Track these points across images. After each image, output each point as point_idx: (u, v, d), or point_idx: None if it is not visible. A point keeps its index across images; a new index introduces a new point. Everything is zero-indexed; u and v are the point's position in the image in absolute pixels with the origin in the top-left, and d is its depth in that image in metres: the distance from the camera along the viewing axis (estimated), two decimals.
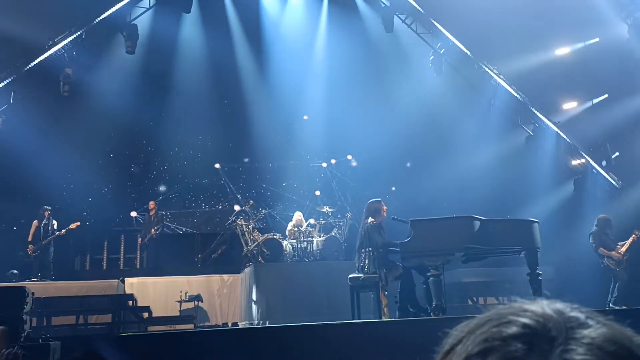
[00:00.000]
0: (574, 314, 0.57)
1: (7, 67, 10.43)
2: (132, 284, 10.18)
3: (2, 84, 10.44)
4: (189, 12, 12.36)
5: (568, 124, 12.29)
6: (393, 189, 12.94)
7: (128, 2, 11.64)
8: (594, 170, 12.21)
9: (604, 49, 10.96)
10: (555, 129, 12.41)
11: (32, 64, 10.68)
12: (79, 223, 10.66)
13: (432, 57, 12.82)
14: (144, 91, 12.44)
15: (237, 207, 11.52)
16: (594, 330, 0.54)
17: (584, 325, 0.55)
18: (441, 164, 12.44)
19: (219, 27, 13.03)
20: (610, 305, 8.15)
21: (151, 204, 11.30)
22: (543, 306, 0.57)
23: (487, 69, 12.57)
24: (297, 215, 10.36)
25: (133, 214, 12.06)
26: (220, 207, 12.95)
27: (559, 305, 0.58)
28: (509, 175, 12.11)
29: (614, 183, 11.92)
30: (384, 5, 12.95)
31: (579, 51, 11.60)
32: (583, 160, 12.33)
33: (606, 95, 11.74)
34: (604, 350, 0.52)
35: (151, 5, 12.27)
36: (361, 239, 6.87)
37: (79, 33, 11.07)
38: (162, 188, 13.14)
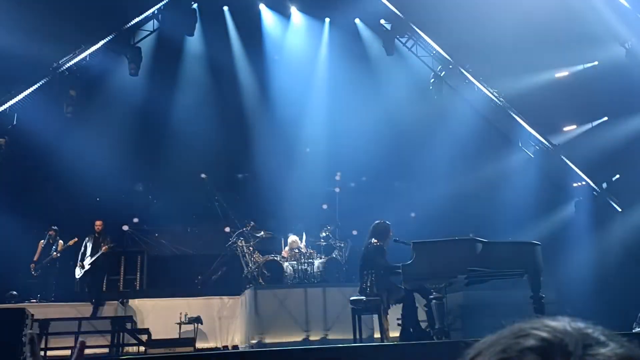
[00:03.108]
0: (594, 333, 0.58)
1: (11, 88, 10.53)
2: (132, 306, 10.11)
3: (6, 105, 10.52)
4: (192, 35, 12.53)
5: (568, 146, 12.33)
6: (413, 215, 12.89)
7: (132, 25, 11.80)
8: (594, 192, 12.20)
9: (603, 72, 11.06)
10: (556, 151, 12.45)
11: (36, 86, 10.78)
12: (76, 239, 10.63)
13: (432, 80, 12.94)
14: (146, 112, 12.53)
15: (227, 229, 11.42)
16: (611, 349, 0.55)
17: (602, 344, 0.56)
18: (440, 184, 12.46)
19: (222, 49, 13.19)
20: None
21: (98, 222, 10.53)
22: (564, 323, 0.59)
23: (487, 92, 12.67)
24: (292, 238, 10.32)
25: (125, 227, 12.06)
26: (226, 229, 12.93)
27: (581, 324, 0.59)
28: (509, 197, 12.11)
29: (615, 206, 11.90)
30: (385, 29, 13.10)
31: (578, 74, 11.71)
32: (584, 183, 12.34)
33: (606, 118, 11.80)
34: None
35: (155, 28, 12.44)
36: (364, 259, 6.84)
37: (83, 55, 11.20)
38: (139, 187, 13.18)
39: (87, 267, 10.07)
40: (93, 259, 10.10)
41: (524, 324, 0.60)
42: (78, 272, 10.21)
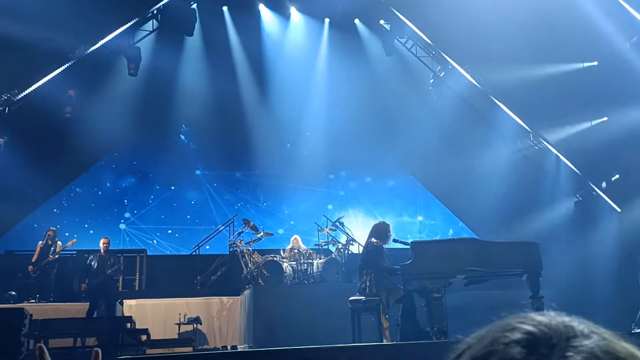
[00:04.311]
0: (578, 326, 0.60)
1: (11, 88, 10.51)
2: (131, 306, 10.11)
3: (6, 105, 10.51)
4: (191, 34, 12.52)
5: (568, 146, 12.32)
6: (420, 218, 12.91)
7: (131, 25, 11.78)
8: (593, 192, 12.21)
9: (604, 71, 11.05)
10: (555, 151, 12.45)
11: (35, 85, 10.76)
12: (75, 240, 10.63)
13: (432, 81, 12.94)
14: (145, 114, 12.53)
15: (221, 227, 11.50)
16: (594, 341, 0.58)
17: (585, 337, 0.58)
18: (439, 184, 12.48)
19: (221, 50, 13.20)
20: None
21: (104, 241, 9.86)
22: (549, 317, 0.62)
23: (485, 90, 12.66)
24: (294, 238, 10.34)
25: (122, 226, 12.10)
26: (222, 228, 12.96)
27: (566, 317, 0.62)
28: (508, 197, 12.12)
29: (614, 205, 11.90)
30: (384, 30, 13.09)
31: (578, 72, 11.70)
32: (583, 182, 12.34)
33: (606, 118, 11.79)
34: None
35: (154, 28, 12.43)
36: (363, 258, 6.84)
37: (82, 55, 11.18)
38: (131, 181, 13.27)
39: (91, 288, 9.53)
40: (98, 280, 9.53)
41: (511, 318, 0.63)
42: (82, 289, 9.64)
